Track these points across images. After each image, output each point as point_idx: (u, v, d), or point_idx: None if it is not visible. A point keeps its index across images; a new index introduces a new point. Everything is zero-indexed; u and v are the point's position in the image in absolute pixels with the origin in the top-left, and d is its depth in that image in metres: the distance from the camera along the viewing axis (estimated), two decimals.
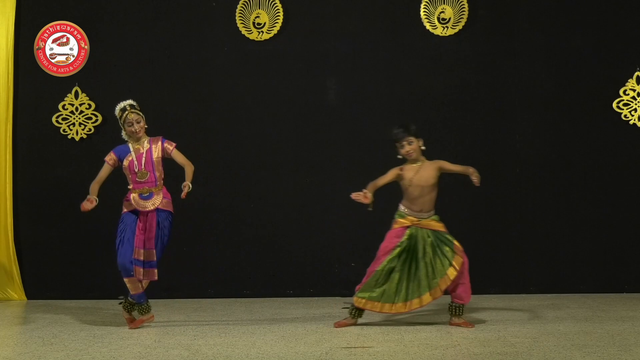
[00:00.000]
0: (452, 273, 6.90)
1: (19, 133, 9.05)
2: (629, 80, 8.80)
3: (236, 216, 9.01)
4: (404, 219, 7.08)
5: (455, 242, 7.00)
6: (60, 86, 9.03)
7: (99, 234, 9.01)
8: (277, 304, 8.38)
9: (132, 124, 7.20)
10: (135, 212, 7.22)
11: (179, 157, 7.26)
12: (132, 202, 7.21)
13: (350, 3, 9.05)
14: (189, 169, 7.17)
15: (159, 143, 7.27)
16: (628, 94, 8.80)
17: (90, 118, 8.98)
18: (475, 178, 6.83)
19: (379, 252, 7.08)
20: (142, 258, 7.11)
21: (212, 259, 9.00)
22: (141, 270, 7.12)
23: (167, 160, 7.31)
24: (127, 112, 7.20)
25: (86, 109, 8.97)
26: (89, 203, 7.13)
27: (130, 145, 7.28)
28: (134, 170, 7.19)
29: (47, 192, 9.08)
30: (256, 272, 8.94)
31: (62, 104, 8.99)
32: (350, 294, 8.85)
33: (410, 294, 6.95)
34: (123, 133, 7.32)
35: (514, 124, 8.89)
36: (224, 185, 9.01)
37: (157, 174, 7.21)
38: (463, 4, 8.86)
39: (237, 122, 9.04)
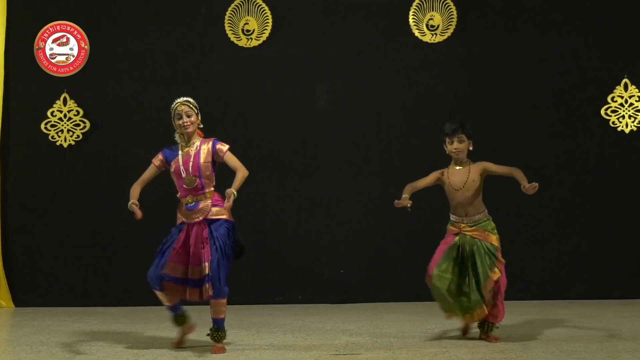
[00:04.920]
0: (489, 284, 6.48)
1: (8, 139, 9.02)
2: (616, 87, 8.83)
3: None
4: (452, 227, 6.70)
5: (500, 259, 6.60)
6: (52, 90, 9.00)
7: (88, 241, 9.00)
8: (265, 311, 8.37)
9: (181, 116, 6.32)
10: (183, 225, 6.36)
11: (231, 161, 6.32)
12: (180, 214, 6.40)
13: (339, 10, 9.06)
14: (239, 174, 6.24)
15: (210, 144, 6.35)
16: (616, 101, 8.82)
17: (78, 125, 8.96)
18: (528, 188, 6.41)
19: (430, 264, 6.58)
20: (178, 275, 6.25)
21: None
22: (176, 287, 6.28)
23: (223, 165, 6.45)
24: (177, 104, 6.35)
25: (74, 115, 8.95)
26: (137, 209, 6.25)
27: (180, 147, 6.44)
28: (181, 176, 6.33)
29: (36, 199, 9.05)
30: (245, 279, 8.90)
31: (50, 110, 8.96)
32: (338, 300, 8.89)
33: (463, 308, 6.51)
34: (176, 135, 6.46)
35: (504, 129, 8.90)
36: None
37: (205, 181, 6.33)
38: (452, 11, 8.88)
39: (227, 128, 8.98)
